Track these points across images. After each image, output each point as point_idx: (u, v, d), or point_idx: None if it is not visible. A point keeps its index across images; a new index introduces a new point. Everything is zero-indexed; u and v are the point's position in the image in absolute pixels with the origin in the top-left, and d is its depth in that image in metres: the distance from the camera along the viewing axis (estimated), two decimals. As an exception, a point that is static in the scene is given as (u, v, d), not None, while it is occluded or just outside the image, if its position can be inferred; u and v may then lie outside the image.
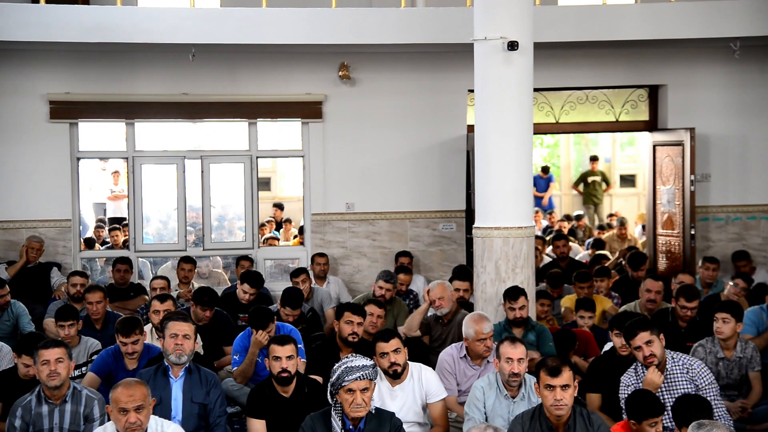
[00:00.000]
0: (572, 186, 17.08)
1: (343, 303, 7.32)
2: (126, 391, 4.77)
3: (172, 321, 5.92)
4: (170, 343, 5.79)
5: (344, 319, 6.65)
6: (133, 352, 6.52)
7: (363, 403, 4.83)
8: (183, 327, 5.84)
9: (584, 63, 10.71)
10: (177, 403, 5.75)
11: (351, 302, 7.07)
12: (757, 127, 10.73)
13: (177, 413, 5.71)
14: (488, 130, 7.63)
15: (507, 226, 7.54)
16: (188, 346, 5.82)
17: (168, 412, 5.63)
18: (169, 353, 5.78)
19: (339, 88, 10.63)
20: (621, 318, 6.45)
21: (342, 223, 10.75)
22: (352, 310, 6.72)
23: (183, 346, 5.78)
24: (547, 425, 4.89)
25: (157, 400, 5.47)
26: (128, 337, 6.49)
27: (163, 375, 5.81)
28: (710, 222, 10.79)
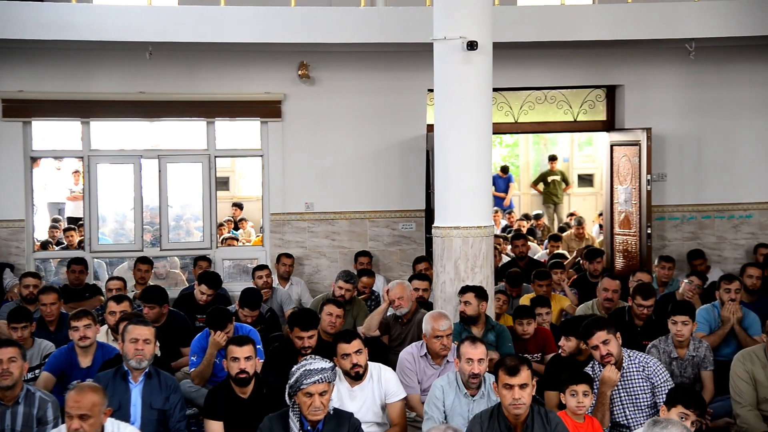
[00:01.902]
0: (531, 185, 17.18)
1: (293, 313, 7.07)
2: (75, 396, 4.67)
3: (132, 325, 5.83)
4: (130, 348, 5.71)
5: (294, 334, 6.55)
6: (85, 338, 6.46)
7: (321, 406, 4.81)
8: (143, 331, 5.76)
9: (543, 63, 10.77)
10: (136, 409, 5.68)
11: (300, 315, 6.78)
12: (711, 127, 10.87)
13: (136, 419, 5.64)
14: (448, 130, 7.64)
15: (466, 226, 7.55)
16: (149, 350, 5.74)
17: (127, 417, 5.55)
18: (129, 358, 5.70)
19: (298, 87, 10.58)
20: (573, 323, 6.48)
21: (301, 223, 10.70)
22: (300, 326, 6.52)
23: (143, 351, 5.71)
24: (506, 424, 4.90)
25: (116, 406, 5.42)
26: (79, 320, 6.46)
27: (122, 379, 5.73)
28: (666, 221, 10.91)
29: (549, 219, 16.00)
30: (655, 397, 5.75)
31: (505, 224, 15.00)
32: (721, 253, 10.99)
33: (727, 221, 10.99)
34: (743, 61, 10.80)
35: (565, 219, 15.52)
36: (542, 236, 14.11)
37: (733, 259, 10.92)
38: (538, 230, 14.57)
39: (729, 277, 7.72)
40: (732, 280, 7.62)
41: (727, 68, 10.82)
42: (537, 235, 14.22)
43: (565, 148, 17.84)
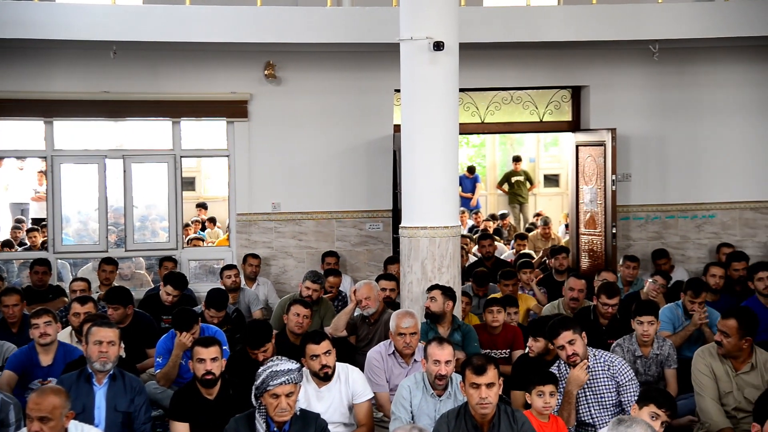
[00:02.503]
0: (497, 186, 17.26)
1: (245, 329, 6.88)
2: (35, 398, 4.62)
3: (96, 327, 5.76)
4: (94, 351, 5.64)
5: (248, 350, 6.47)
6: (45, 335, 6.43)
7: (288, 407, 4.78)
8: (108, 333, 5.70)
9: (509, 64, 10.82)
10: (100, 411, 5.62)
11: (250, 332, 6.57)
12: (675, 128, 10.97)
13: (100, 422, 5.58)
14: (414, 130, 7.66)
15: (433, 226, 7.58)
16: (113, 352, 5.68)
17: (91, 420, 5.48)
18: (93, 361, 5.64)
19: (264, 87, 10.54)
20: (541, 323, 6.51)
21: (268, 223, 10.66)
22: (250, 345, 6.40)
23: (108, 353, 5.64)
24: (472, 423, 4.92)
25: (80, 409, 5.36)
26: (39, 318, 6.45)
27: (86, 382, 5.66)
28: (631, 221, 11.00)
29: (515, 219, 16.07)
30: (620, 396, 5.79)
31: (472, 224, 15.05)
32: (685, 252, 11.10)
33: (691, 221, 11.10)
34: (706, 63, 10.92)
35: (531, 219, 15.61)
36: (509, 236, 14.18)
37: (696, 258, 11.03)
38: (504, 230, 14.63)
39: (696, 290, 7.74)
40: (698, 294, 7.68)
41: (690, 69, 10.92)
42: (503, 234, 14.28)
43: (531, 149, 17.94)
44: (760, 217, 11.12)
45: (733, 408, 5.86)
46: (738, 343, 5.86)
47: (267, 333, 6.51)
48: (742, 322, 5.86)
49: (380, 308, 7.64)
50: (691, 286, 7.77)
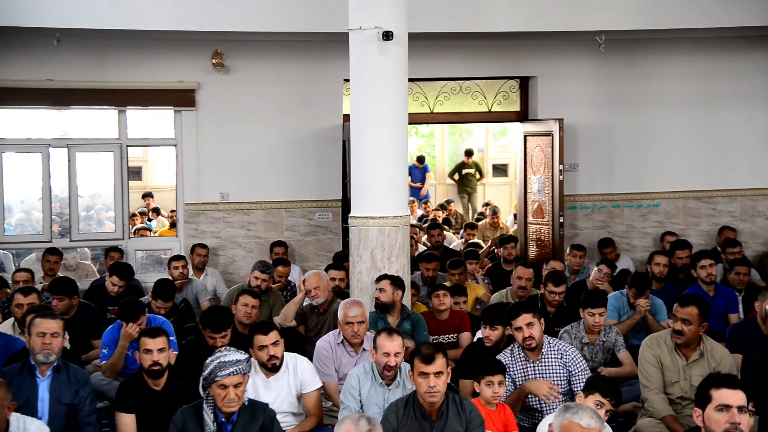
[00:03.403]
0: (448, 175, 17.34)
1: (206, 313, 6.68)
2: None
3: (39, 318, 5.67)
4: (37, 342, 5.55)
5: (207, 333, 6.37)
6: None
7: (236, 398, 4.77)
8: (51, 324, 5.61)
9: (458, 54, 10.85)
10: (44, 404, 5.53)
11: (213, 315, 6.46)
12: (621, 118, 11.10)
13: (43, 414, 5.49)
14: (364, 120, 7.66)
15: (383, 216, 7.59)
16: (57, 344, 5.59)
17: (34, 413, 5.39)
18: (37, 353, 5.54)
19: (212, 76, 10.44)
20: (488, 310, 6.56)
21: (216, 213, 10.58)
22: (212, 327, 6.29)
23: (51, 345, 5.55)
24: (421, 412, 4.94)
25: (22, 401, 5.28)
26: None
27: (29, 374, 5.57)
28: (578, 210, 11.13)
29: (464, 209, 16.18)
30: (572, 385, 5.87)
31: (422, 214, 15.11)
32: (630, 241, 11.26)
33: (636, 210, 11.26)
34: (652, 54, 11.06)
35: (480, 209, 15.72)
36: (457, 225, 14.26)
37: (641, 247, 11.19)
38: (452, 219, 14.72)
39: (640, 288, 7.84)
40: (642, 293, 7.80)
41: (636, 61, 11.06)
42: (452, 224, 14.36)
43: (480, 139, 18.04)
44: (702, 206, 11.32)
45: (678, 396, 5.95)
46: (697, 331, 5.96)
47: (228, 317, 6.51)
48: (701, 309, 5.96)
49: (329, 298, 7.63)
50: (635, 283, 7.89)
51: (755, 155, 11.22)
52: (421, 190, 16.77)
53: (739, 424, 3.90)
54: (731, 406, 3.92)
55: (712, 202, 11.34)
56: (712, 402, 3.97)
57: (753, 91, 11.19)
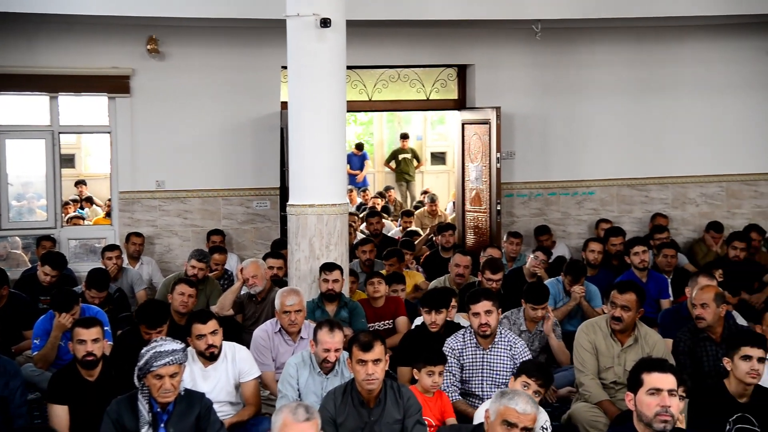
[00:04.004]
0: (384, 163, 17.35)
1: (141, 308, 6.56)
2: None
3: (-34, 309, 5.56)
4: (-35, 334, 5.44)
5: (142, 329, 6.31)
6: None
7: (171, 388, 4.71)
8: (-21, 315, 5.50)
9: (396, 42, 10.85)
10: (-27, 396, 5.42)
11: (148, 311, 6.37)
12: (557, 107, 11.22)
13: (-27, 407, 5.38)
14: (302, 107, 7.62)
15: (321, 203, 7.58)
16: (-14, 335, 5.49)
17: (-38, 405, 5.29)
18: (-35, 345, 5.43)
19: (147, 62, 10.28)
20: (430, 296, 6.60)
21: (152, 201, 10.44)
22: (147, 324, 6.22)
23: (-20, 336, 5.45)
24: (359, 399, 4.95)
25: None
26: None
27: (-43, 367, 5.45)
28: (515, 198, 11.23)
29: (402, 196, 16.20)
30: None
31: (360, 202, 15.10)
32: (566, 228, 11.41)
33: (572, 198, 11.41)
34: (586, 43, 11.18)
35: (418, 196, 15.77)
36: (396, 213, 14.29)
37: (576, 234, 11.35)
38: (391, 206, 14.74)
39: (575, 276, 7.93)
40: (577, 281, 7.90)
41: (571, 49, 11.17)
42: (391, 211, 14.39)
43: (418, 127, 18.07)
44: (636, 193, 11.52)
45: (611, 381, 6.06)
46: (635, 317, 6.06)
47: (164, 313, 6.43)
48: (639, 295, 6.07)
49: (267, 286, 7.61)
50: (571, 271, 8.00)
51: (687, 143, 11.43)
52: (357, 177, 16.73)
53: (670, 407, 3.98)
54: (662, 390, 4.00)
55: (645, 189, 11.54)
56: (643, 386, 4.05)
57: (685, 80, 11.40)
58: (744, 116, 11.50)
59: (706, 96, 11.43)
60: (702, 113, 11.44)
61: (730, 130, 11.50)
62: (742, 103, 11.48)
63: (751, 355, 4.99)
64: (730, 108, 11.47)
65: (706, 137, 11.47)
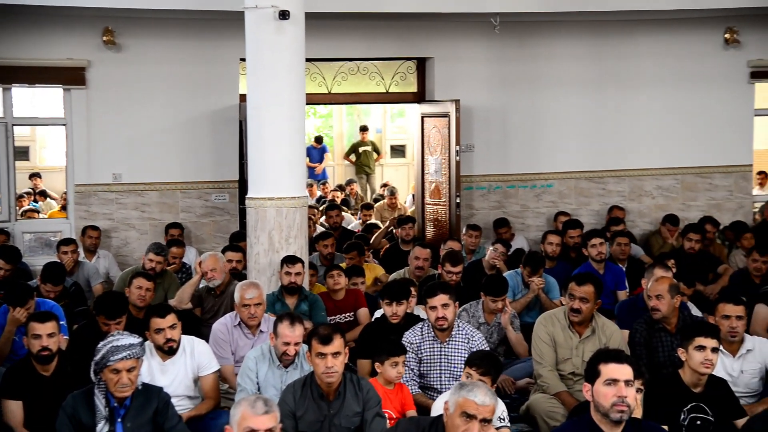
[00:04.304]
0: (344, 156, 17.33)
1: (100, 299, 6.53)
2: None
3: None
4: None
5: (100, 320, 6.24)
6: None
7: (129, 382, 4.67)
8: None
9: (355, 34, 10.82)
10: (-76, 392, 5.33)
11: (106, 302, 6.32)
12: (515, 100, 11.26)
13: None
14: (261, 100, 7.59)
15: (280, 197, 7.56)
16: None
17: None
18: None
19: (104, 53, 10.15)
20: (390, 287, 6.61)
21: (109, 194, 10.33)
22: (106, 314, 6.16)
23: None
24: (318, 392, 4.94)
25: None
26: None
27: None
28: (474, 191, 11.26)
29: (362, 189, 16.21)
30: None
31: (320, 195, 15.08)
32: (525, 221, 11.48)
33: (530, 190, 11.48)
34: (545, 36, 11.24)
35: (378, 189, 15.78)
36: (356, 205, 14.29)
37: (535, 226, 11.42)
38: (351, 199, 14.73)
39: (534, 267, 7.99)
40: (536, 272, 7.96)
41: (529, 43, 11.22)
42: (351, 204, 14.38)
43: (378, 119, 18.09)
44: (593, 186, 11.62)
45: (569, 372, 6.12)
46: (593, 308, 6.12)
47: (123, 304, 6.39)
48: (596, 286, 6.13)
49: (226, 280, 7.58)
50: (529, 262, 8.05)
51: (643, 136, 11.55)
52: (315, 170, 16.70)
53: (626, 398, 4.02)
54: (618, 381, 4.04)
55: (603, 182, 11.65)
56: (600, 377, 4.09)
57: (641, 73, 11.50)
58: (699, 110, 11.64)
59: (662, 89, 11.56)
60: (658, 107, 11.57)
61: (686, 124, 11.63)
62: (697, 97, 11.62)
63: (704, 346, 5.06)
64: (686, 101, 11.61)
65: (662, 130, 11.59)
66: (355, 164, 16.79)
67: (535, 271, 7.97)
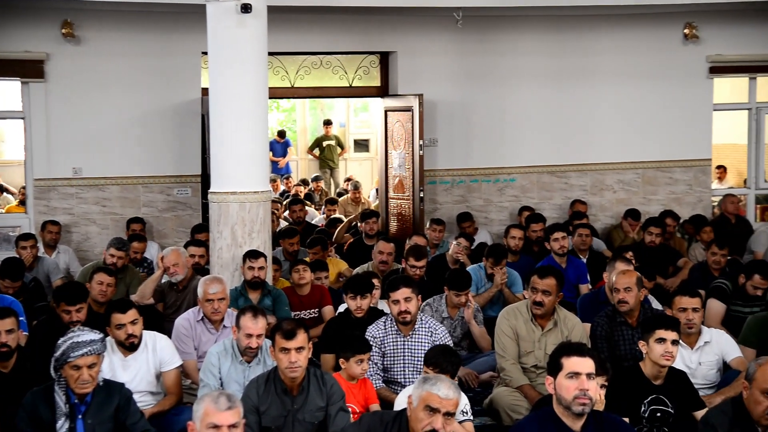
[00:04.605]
0: (307, 151, 17.29)
1: (58, 288, 6.53)
2: None
3: None
4: None
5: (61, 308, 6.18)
6: None
7: (90, 378, 4.63)
8: None
9: (318, 28, 10.79)
10: None
11: (66, 288, 6.34)
12: (478, 94, 11.29)
13: None
14: (223, 94, 7.55)
15: (243, 191, 7.52)
16: None
17: None
18: None
19: (63, 46, 10.02)
20: (354, 281, 6.62)
21: (69, 189, 10.21)
22: (66, 300, 6.10)
23: None
24: (282, 387, 4.93)
25: None
26: None
27: None
28: (437, 185, 11.29)
29: (326, 184, 16.18)
30: None
31: (283, 189, 15.03)
32: (488, 215, 11.52)
33: (493, 185, 11.53)
34: (508, 31, 11.28)
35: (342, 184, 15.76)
36: (320, 201, 14.26)
37: (498, 221, 11.47)
38: (316, 194, 14.70)
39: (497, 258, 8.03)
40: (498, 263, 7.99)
41: (492, 37, 11.26)
42: (315, 199, 14.35)
43: (341, 114, 18.05)
44: (555, 180, 11.69)
45: (532, 365, 6.16)
46: (555, 301, 6.17)
47: (83, 291, 6.35)
48: (558, 279, 6.17)
49: (189, 275, 7.53)
50: (492, 254, 8.10)
51: (605, 131, 11.63)
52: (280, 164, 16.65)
53: (588, 390, 4.06)
54: (580, 374, 4.08)
55: (565, 176, 11.73)
56: (563, 370, 4.12)
57: (603, 68, 11.58)
58: (659, 104, 11.74)
59: (623, 84, 11.64)
60: (619, 101, 11.66)
61: (646, 118, 11.73)
62: (658, 92, 11.72)
63: (665, 338, 5.12)
64: (646, 96, 11.71)
65: (623, 125, 11.69)
66: (318, 158, 16.74)
67: (498, 262, 8.01)
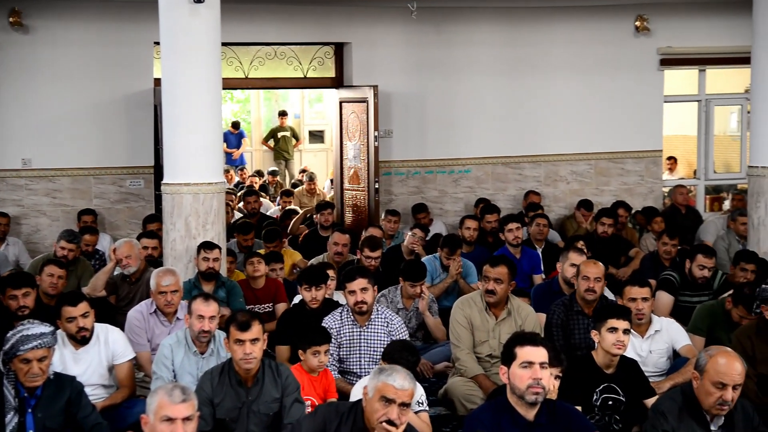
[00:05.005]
0: (262, 142, 17.20)
1: (3, 277, 6.56)
2: None
3: None
4: None
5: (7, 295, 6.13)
6: None
7: (40, 372, 4.59)
8: None
9: (272, 18, 10.73)
10: None
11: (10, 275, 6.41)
12: (433, 85, 11.32)
13: None
14: (175, 84, 7.47)
15: (197, 182, 7.47)
16: None
17: None
18: None
19: (10, 36, 9.86)
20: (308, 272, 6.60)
21: (18, 180, 10.06)
22: (12, 284, 6.13)
23: None
24: (236, 379, 4.91)
25: None
26: None
27: None
28: (393, 176, 11.30)
29: (281, 175, 16.11)
30: None
31: (238, 180, 14.94)
32: (443, 206, 11.57)
33: (448, 176, 11.56)
34: (462, 23, 11.32)
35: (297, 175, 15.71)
36: (275, 192, 14.20)
37: (453, 212, 11.51)
38: (270, 186, 14.64)
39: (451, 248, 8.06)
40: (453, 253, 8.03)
41: (447, 29, 11.28)
42: (269, 191, 14.29)
43: (296, 105, 17.97)
44: (510, 171, 11.77)
45: (486, 354, 6.20)
46: (507, 289, 6.22)
47: (29, 277, 6.29)
48: (510, 268, 6.22)
49: (142, 267, 7.45)
50: (447, 244, 8.13)
51: (558, 122, 11.72)
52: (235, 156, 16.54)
53: (541, 379, 4.10)
54: (534, 363, 4.11)
55: (519, 167, 11.80)
56: (516, 359, 4.15)
57: (556, 60, 11.66)
58: (611, 96, 11.86)
59: (575, 76, 11.74)
60: (572, 93, 11.75)
61: (598, 110, 11.84)
62: (610, 83, 11.84)
63: (617, 327, 5.17)
64: (598, 88, 11.82)
65: (576, 116, 11.79)
66: (273, 150, 16.66)
67: (453, 251, 8.04)
